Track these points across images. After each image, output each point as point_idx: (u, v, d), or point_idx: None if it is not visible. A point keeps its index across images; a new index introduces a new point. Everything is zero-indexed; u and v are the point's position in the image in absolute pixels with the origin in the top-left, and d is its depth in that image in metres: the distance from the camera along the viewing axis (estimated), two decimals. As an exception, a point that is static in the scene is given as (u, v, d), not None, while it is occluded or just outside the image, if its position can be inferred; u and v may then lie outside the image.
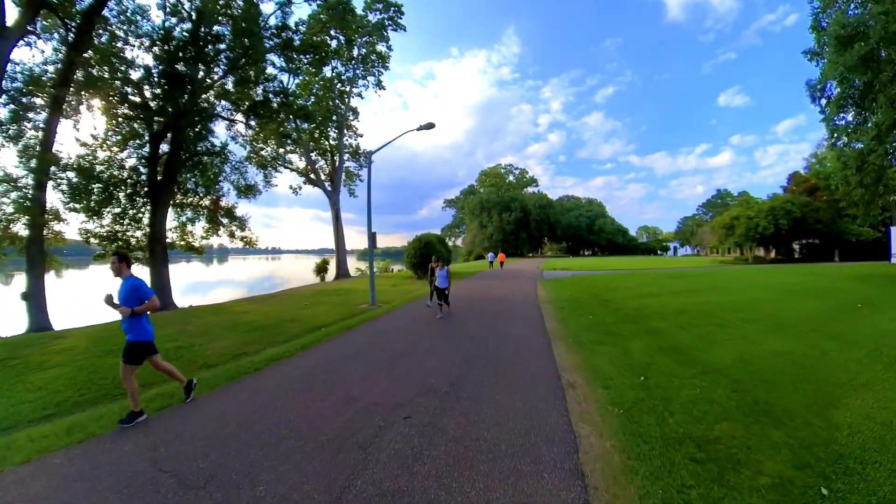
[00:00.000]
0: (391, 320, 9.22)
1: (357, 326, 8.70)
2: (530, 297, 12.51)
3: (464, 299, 11.98)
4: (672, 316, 8.85)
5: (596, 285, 14.98)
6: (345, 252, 29.72)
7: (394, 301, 12.90)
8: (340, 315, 10.71)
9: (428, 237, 20.62)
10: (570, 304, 10.55)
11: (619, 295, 12.25)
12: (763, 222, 32.57)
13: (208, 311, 13.34)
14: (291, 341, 7.79)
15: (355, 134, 35.59)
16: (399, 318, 9.40)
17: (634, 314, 9.08)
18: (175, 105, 16.58)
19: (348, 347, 6.68)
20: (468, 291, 14.02)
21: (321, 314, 11.07)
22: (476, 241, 70.49)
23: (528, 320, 8.52)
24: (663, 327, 7.73)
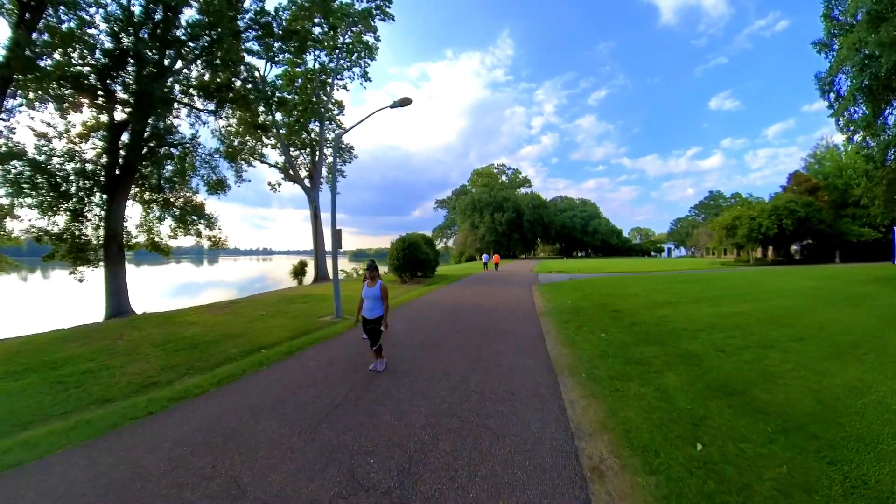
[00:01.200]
0: (346, 342, 7.48)
1: (305, 349, 6.98)
2: (526, 306, 10.86)
3: (447, 310, 10.27)
4: (703, 333, 7.26)
5: (600, 291, 13.41)
6: (324, 253, 27.82)
7: (366, 311, 11.19)
8: (294, 331, 9.00)
9: (413, 237, 18.90)
10: (574, 317, 8.91)
11: (630, 304, 10.66)
12: (766, 222, 31.46)
13: (157, 320, 11.55)
14: (217, 368, 6.14)
15: (339, 127, 33.90)
16: (358, 339, 7.68)
17: (656, 331, 7.46)
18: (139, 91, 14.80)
19: (275, 387, 4.91)
20: (454, 299, 12.33)
21: (273, 328, 9.38)
22: (467, 242, 68.89)
23: (524, 343, 6.81)
24: (698, 351, 6.11)
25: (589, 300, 11.37)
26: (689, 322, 8.31)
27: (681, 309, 9.89)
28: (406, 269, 18.42)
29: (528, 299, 12.13)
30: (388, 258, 18.85)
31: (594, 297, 12.12)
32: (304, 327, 9.43)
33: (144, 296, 30.76)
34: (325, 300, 13.94)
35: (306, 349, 6.98)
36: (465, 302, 11.55)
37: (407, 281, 18.96)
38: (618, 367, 5.36)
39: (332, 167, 34.53)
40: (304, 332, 8.98)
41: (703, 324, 8.10)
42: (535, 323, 8.40)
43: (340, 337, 7.96)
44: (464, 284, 17.86)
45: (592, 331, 7.49)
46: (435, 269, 23.55)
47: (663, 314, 9.22)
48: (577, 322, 8.34)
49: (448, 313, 9.61)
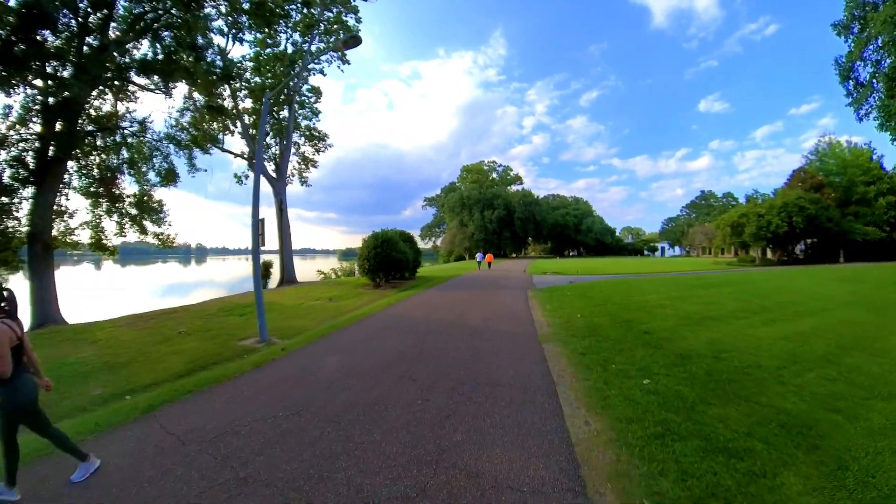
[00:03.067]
0: (254, 387, 4.83)
1: (177, 401, 4.40)
2: (523, 324, 8.31)
3: (413, 332, 7.62)
4: (788, 372, 4.91)
5: (612, 299, 10.94)
6: (290, 252, 24.96)
7: (303, 330, 8.50)
8: (194, 361, 6.55)
9: (388, 234, 16.26)
10: (593, 344, 6.37)
11: (660, 319, 8.20)
12: (776, 220, 29.59)
13: (63, 335, 9.55)
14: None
15: (313, 114, 30.99)
16: (270, 384, 5.01)
17: (720, 370, 4.97)
18: (77, 65, 12.20)
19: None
20: (429, 312, 9.71)
21: (172, 356, 7.11)
22: (456, 240, 66.23)
23: (525, 410, 4.03)
24: (804, 413, 3.66)
25: (603, 313, 8.88)
26: (755, 351, 5.89)
27: (729, 328, 7.47)
28: (379, 270, 15.76)
29: (524, 312, 9.58)
30: (358, 258, 16.17)
31: (608, 307, 9.64)
32: (211, 355, 6.86)
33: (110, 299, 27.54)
34: (273, 311, 11.25)
35: (180, 401, 4.41)
36: (442, 317, 8.91)
37: (381, 285, 16.31)
38: (698, 462, 2.84)
39: (311, 160, 31.58)
40: (207, 363, 6.43)
41: (775, 354, 5.70)
42: (539, 357, 5.81)
43: (246, 377, 5.31)
44: (447, 289, 15.28)
45: (627, 372, 4.96)
46: (415, 271, 20.93)
47: (711, 337, 6.77)
48: (599, 353, 5.81)
49: (412, 338, 6.95)
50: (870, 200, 41.08)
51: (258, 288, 8.03)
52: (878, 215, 40.01)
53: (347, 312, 10.28)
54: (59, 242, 20.58)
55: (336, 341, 7.02)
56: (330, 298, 13.18)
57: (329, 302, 12.64)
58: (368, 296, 13.57)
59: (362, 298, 12.88)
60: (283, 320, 9.80)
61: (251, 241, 7.81)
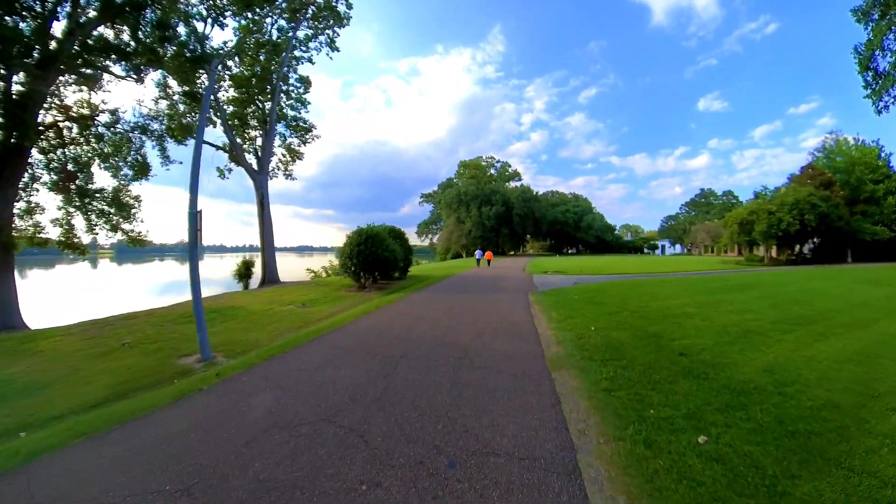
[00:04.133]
0: (152, 438, 3.40)
1: (66, 446, 3.13)
2: (525, 341, 6.86)
3: (385, 354, 6.09)
4: (876, 416, 3.57)
5: (625, 304, 9.51)
6: (273, 251, 23.42)
7: (256, 345, 7.03)
8: (121, 384, 5.63)
9: (374, 229, 14.78)
10: (616, 371, 4.95)
11: (692, 334, 6.79)
12: (787, 217, 28.31)
13: (9, 344, 8.60)
14: None
15: (300, 104, 29.34)
16: (177, 431, 3.56)
17: (792, 414, 3.58)
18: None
19: None
20: (412, 323, 8.23)
21: (105, 374, 5.94)
22: (452, 237, 64.66)
23: (530, 484, 2.72)
24: None
25: (622, 324, 7.46)
26: (823, 381, 4.56)
27: (781, 346, 6.07)
28: (364, 270, 14.29)
29: (526, 323, 8.13)
30: (341, 256, 14.68)
31: (625, 316, 8.22)
32: (141, 377, 5.66)
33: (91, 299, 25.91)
34: (234, 319, 9.79)
35: (67, 447, 3.16)
36: (426, 331, 7.38)
37: (366, 286, 14.83)
38: None
39: (297, 152, 29.92)
40: (131, 388, 5.33)
41: (848, 386, 4.41)
42: (549, 396, 4.32)
43: (156, 416, 3.86)
44: (439, 291, 13.83)
45: (673, 422, 3.55)
46: (406, 270, 19.47)
47: (765, 360, 5.38)
48: (629, 388, 4.38)
49: (380, 366, 5.42)
50: (878, 199, 40.02)
51: (197, 296, 6.55)
52: (886, 214, 38.97)
53: (316, 322, 8.82)
54: (25, 241, 19.02)
55: (284, 366, 5.56)
56: (303, 303, 11.70)
57: (301, 307, 11.17)
58: (348, 300, 12.10)
59: (340, 303, 11.41)
60: (240, 331, 8.34)
61: (188, 237, 6.33)
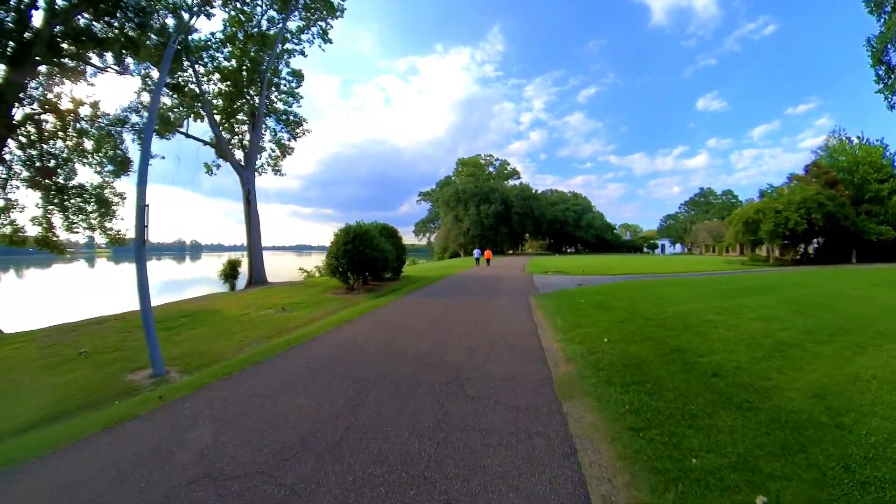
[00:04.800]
0: (47, 487, 2.48)
1: None
2: (528, 358, 5.91)
3: (357, 377, 5.03)
4: None
5: (637, 310, 8.59)
6: (259, 250, 22.45)
7: (219, 358, 6.08)
8: (58, 404, 4.92)
9: (363, 227, 13.83)
10: (641, 400, 4.02)
11: (720, 347, 5.88)
12: (795, 216, 27.50)
13: None
14: None
15: (293, 98, 28.35)
16: (80, 478, 2.62)
17: (854, 454, 2.67)
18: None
19: None
20: (394, 335, 7.23)
21: (48, 390, 5.26)
22: (450, 236, 63.69)
23: None
24: None
25: (638, 334, 6.54)
26: (879, 408, 3.63)
27: (821, 363, 5.16)
28: (352, 271, 13.33)
29: (528, 333, 7.19)
30: (327, 256, 13.72)
31: (640, 323, 7.29)
32: (82, 395, 4.93)
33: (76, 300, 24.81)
34: (205, 325, 8.84)
35: None
36: (410, 346, 6.32)
37: (355, 288, 13.88)
38: None
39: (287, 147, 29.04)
40: (65, 409, 4.46)
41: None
42: (563, 445, 3.30)
43: (66, 455, 2.91)
44: (432, 294, 12.89)
45: (722, 477, 2.65)
46: (399, 270, 18.54)
47: (812, 382, 4.46)
48: (662, 427, 3.46)
49: (348, 394, 4.36)
50: (883, 199, 39.47)
51: (145, 302, 5.60)
52: (891, 214, 38.40)
53: (293, 329, 7.87)
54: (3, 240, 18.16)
55: (238, 388, 4.61)
56: (283, 307, 10.74)
57: (281, 312, 10.22)
58: (332, 304, 11.15)
59: (323, 308, 10.46)
60: (206, 340, 7.40)
61: (135, 233, 5.40)
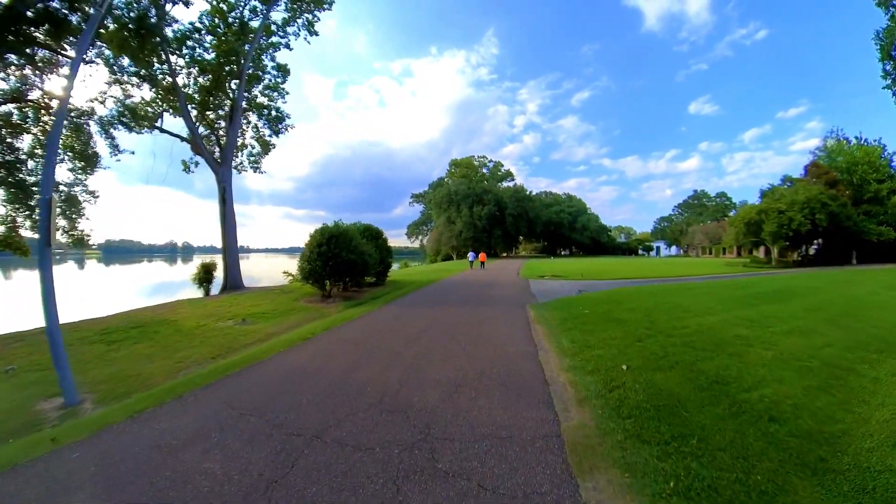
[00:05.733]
0: None
1: None
2: (528, 399, 4.53)
3: (291, 431, 3.81)
4: None
5: (653, 322, 7.38)
6: (236, 252, 21.03)
7: (148, 383, 4.77)
8: None
9: (341, 228, 12.55)
10: (691, 467, 2.80)
11: (765, 375, 4.65)
12: (798, 217, 26.70)
13: None
14: None
15: (277, 93, 26.95)
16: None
17: None
18: None
19: None
20: (356, 361, 5.84)
21: None
22: (442, 239, 62.43)
23: None
24: None
25: (662, 358, 5.31)
26: None
27: (882, 389, 3.99)
28: (328, 276, 12.02)
29: (527, 359, 5.88)
30: (300, 259, 12.40)
31: (660, 341, 6.08)
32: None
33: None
34: (151, 339, 7.49)
35: None
36: (379, 373, 4.91)
37: (331, 295, 12.56)
38: None
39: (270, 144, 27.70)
40: None
41: None
42: None
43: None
44: (415, 304, 11.62)
45: None
46: (384, 274, 17.25)
47: (891, 423, 3.27)
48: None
49: (277, 453, 3.06)
50: (882, 199, 39.17)
51: (51, 315, 4.27)
52: (891, 214, 38.10)
53: (241, 349, 6.56)
54: None
55: (141, 435, 3.32)
56: (245, 318, 9.40)
57: (241, 324, 8.89)
58: (300, 314, 9.83)
59: (287, 319, 9.14)
60: (144, 359, 6.09)
61: (39, 230, 4.11)
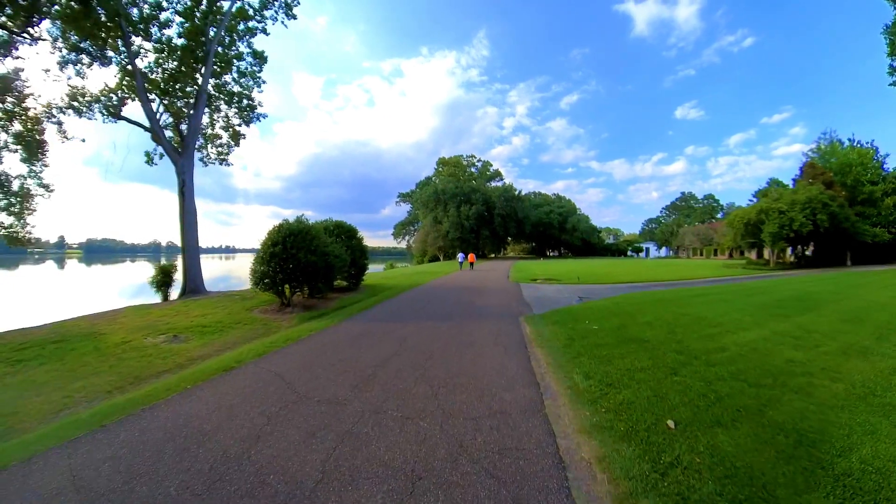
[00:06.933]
0: None
1: None
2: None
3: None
4: None
5: (684, 343, 5.84)
6: (196, 252, 18.99)
7: (18, 428, 3.03)
8: None
9: (303, 226, 10.78)
10: None
11: (858, 427, 3.15)
12: (800, 217, 25.81)
13: None
14: None
15: (253, 80, 24.84)
16: None
17: None
18: None
19: None
20: (279, 404, 4.10)
21: None
22: (429, 239, 60.65)
23: None
24: None
25: (712, 400, 3.74)
26: None
27: None
28: (284, 281, 10.22)
29: (527, 410, 4.00)
30: (253, 262, 10.56)
31: (698, 370, 4.52)
32: None
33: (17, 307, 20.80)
34: (57, 361, 5.63)
35: None
36: (296, 447, 3.12)
37: (288, 304, 10.75)
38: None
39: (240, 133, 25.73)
40: None
41: None
42: None
43: None
44: (388, 315, 9.90)
45: None
46: (359, 277, 15.49)
47: None
48: None
49: None
50: (875, 200, 39.06)
51: None
52: (884, 216, 37.98)
53: (151, 378, 4.83)
54: None
55: None
56: (178, 334, 7.60)
57: (172, 341, 7.10)
58: (245, 329, 8.05)
59: (227, 336, 7.37)
60: (34, 388, 4.46)
61: None
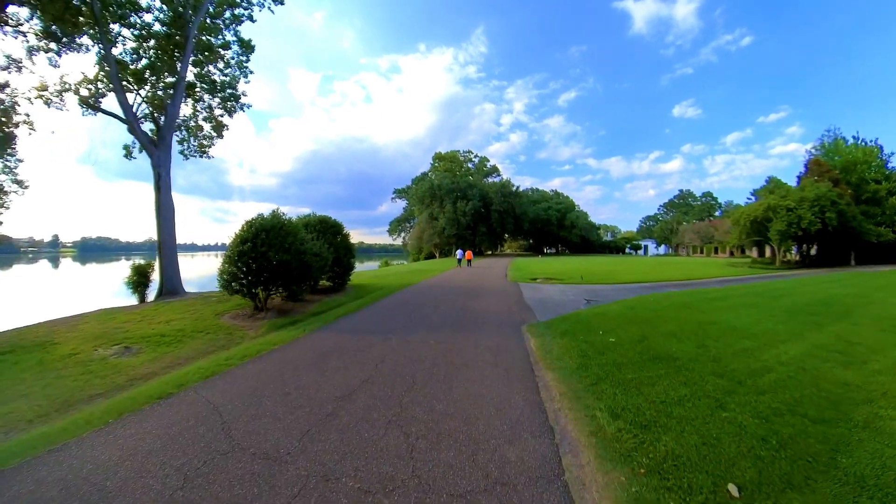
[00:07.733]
0: None
1: None
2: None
3: None
4: None
5: (722, 361, 4.84)
6: (173, 251, 17.82)
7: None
8: None
9: (276, 220, 9.72)
10: None
11: None
12: (808, 215, 25.00)
13: None
14: None
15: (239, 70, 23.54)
16: None
17: None
18: None
19: None
20: (202, 460, 3.32)
21: None
22: (424, 236, 59.49)
23: None
24: None
25: (780, 449, 2.76)
26: None
27: None
28: (255, 283, 9.15)
29: (542, 477, 3.02)
30: (223, 262, 9.48)
31: (750, 401, 3.53)
32: None
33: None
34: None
35: None
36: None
37: (262, 308, 9.69)
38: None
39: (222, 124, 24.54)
40: None
41: None
42: None
43: None
44: (364, 328, 8.84)
45: None
46: (345, 277, 14.42)
47: None
48: None
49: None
50: (880, 199, 38.59)
51: None
52: (889, 215, 37.52)
53: (80, 404, 3.81)
54: None
55: None
56: (130, 346, 6.54)
57: (123, 354, 6.05)
58: (206, 339, 6.99)
59: (183, 349, 6.31)
60: None
61: None
